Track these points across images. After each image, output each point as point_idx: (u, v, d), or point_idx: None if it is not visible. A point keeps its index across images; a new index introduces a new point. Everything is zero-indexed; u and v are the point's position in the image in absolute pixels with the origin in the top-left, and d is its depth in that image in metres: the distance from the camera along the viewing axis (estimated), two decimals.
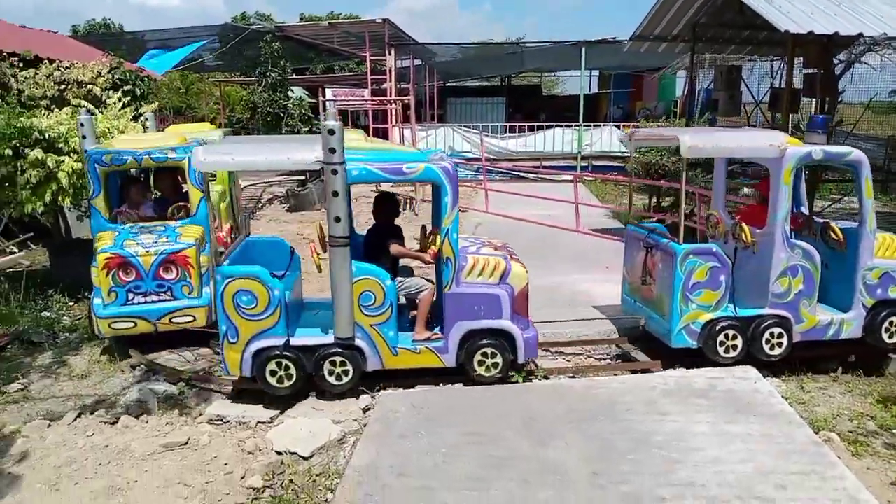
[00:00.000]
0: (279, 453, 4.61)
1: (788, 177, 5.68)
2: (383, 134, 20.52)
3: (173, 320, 6.30)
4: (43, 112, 8.63)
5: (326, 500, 4.05)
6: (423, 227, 6.16)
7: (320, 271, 5.56)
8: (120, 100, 9.26)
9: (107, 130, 8.38)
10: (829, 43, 9.14)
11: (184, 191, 7.12)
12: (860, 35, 7.61)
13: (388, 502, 3.82)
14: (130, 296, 6.17)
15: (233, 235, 7.30)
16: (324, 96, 18.94)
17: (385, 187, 11.66)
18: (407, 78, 23.74)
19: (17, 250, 11.20)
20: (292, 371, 5.32)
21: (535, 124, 22.90)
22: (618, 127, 21.45)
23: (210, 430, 4.93)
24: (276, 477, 4.36)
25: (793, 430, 4.63)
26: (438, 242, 5.36)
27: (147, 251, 6.19)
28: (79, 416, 5.21)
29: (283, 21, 35.68)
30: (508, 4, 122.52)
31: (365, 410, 5.22)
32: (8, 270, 9.89)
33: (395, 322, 5.39)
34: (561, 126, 21.99)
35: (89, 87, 9.56)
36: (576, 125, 21.55)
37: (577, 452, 4.33)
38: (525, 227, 12.36)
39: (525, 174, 20.11)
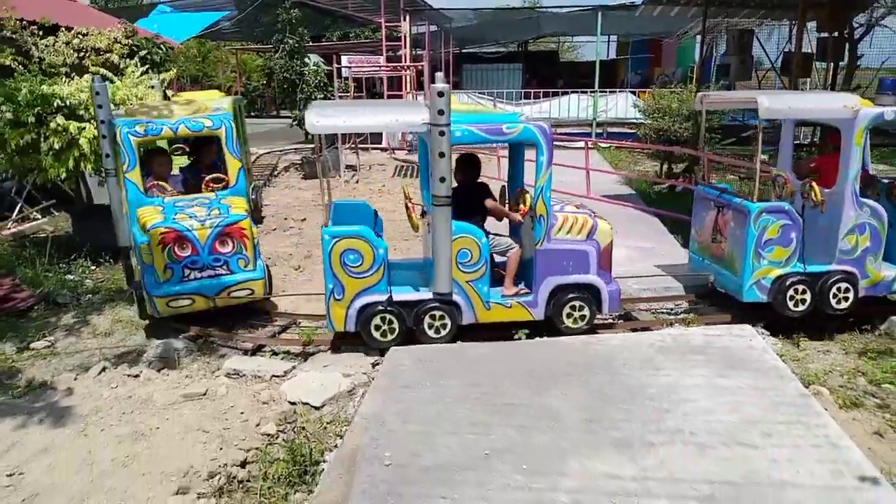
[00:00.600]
0: (292, 403, 4.89)
1: (860, 137, 5.90)
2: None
3: (232, 294, 6.23)
4: (63, 80, 8.85)
5: (336, 445, 4.31)
6: (503, 187, 6.46)
7: (416, 230, 5.98)
8: (137, 66, 9.45)
9: (126, 98, 8.60)
10: (842, 6, 9.09)
11: (215, 161, 7.07)
12: None
13: (392, 446, 4.07)
14: (187, 272, 6.01)
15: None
16: (339, 63, 19.01)
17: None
18: (422, 44, 23.68)
19: (39, 216, 11.55)
20: (395, 325, 5.67)
21: (551, 91, 22.80)
22: (633, 93, 21.31)
23: (227, 383, 5.22)
24: (289, 424, 4.63)
25: (783, 383, 4.81)
26: (528, 201, 5.66)
27: (202, 225, 6.04)
28: (103, 370, 5.51)
29: None
30: None
31: (374, 365, 5.48)
32: (32, 236, 10.23)
33: (489, 278, 5.70)
34: (577, 92, 21.90)
35: (107, 54, 9.73)
36: (591, 91, 21.45)
37: (573, 402, 4.55)
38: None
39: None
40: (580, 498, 3.57)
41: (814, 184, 6.02)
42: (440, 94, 5.02)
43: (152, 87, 9.40)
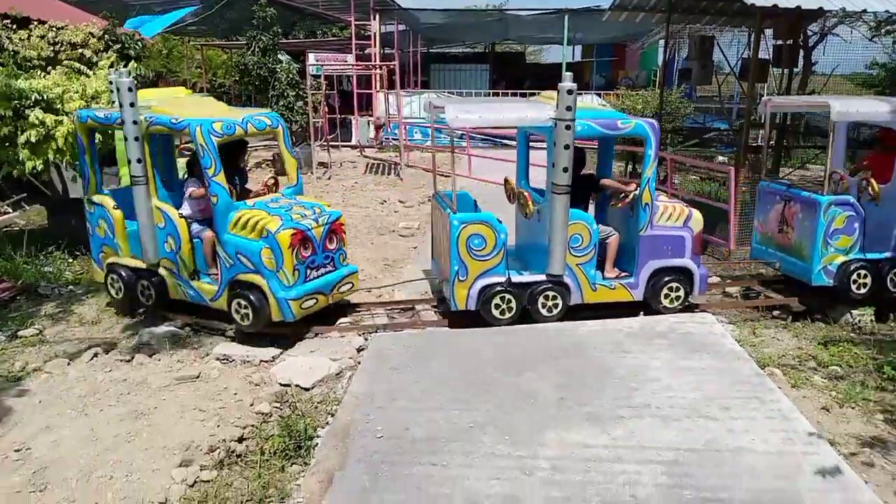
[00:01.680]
0: (283, 385, 5.13)
1: None
2: (367, 99, 20.78)
3: (340, 290, 6.28)
4: (39, 73, 8.91)
5: (328, 422, 4.58)
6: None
7: (528, 217, 6.44)
8: (111, 61, 9.54)
9: (98, 91, 8.70)
10: (798, 16, 9.62)
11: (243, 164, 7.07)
12: (820, 9, 8.09)
13: (383, 420, 4.36)
14: (308, 272, 5.95)
15: None
16: (308, 61, 19.13)
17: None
18: (391, 43, 23.91)
19: (10, 210, 11.51)
20: (513, 304, 6.08)
21: (518, 92, 23.21)
22: (598, 95, 21.84)
23: (218, 366, 5.44)
24: (282, 403, 4.88)
25: (740, 365, 5.23)
26: (633, 189, 6.27)
27: (317, 223, 6.02)
28: (95, 355, 5.68)
29: None
30: None
31: (359, 350, 5.75)
32: (4, 229, 10.22)
33: (595, 262, 6.16)
34: (541, 94, 22.30)
35: (82, 49, 9.80)
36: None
37: (547, 382, 4.89)
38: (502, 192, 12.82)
39: (507, 141, 20.50)
40: (558, 464, 3.91)
41: (871, 179, 6.56)
42: (569, 91, 5.47)
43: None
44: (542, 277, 6.09)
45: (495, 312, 6.08)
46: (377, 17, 20.33)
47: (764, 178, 7.68)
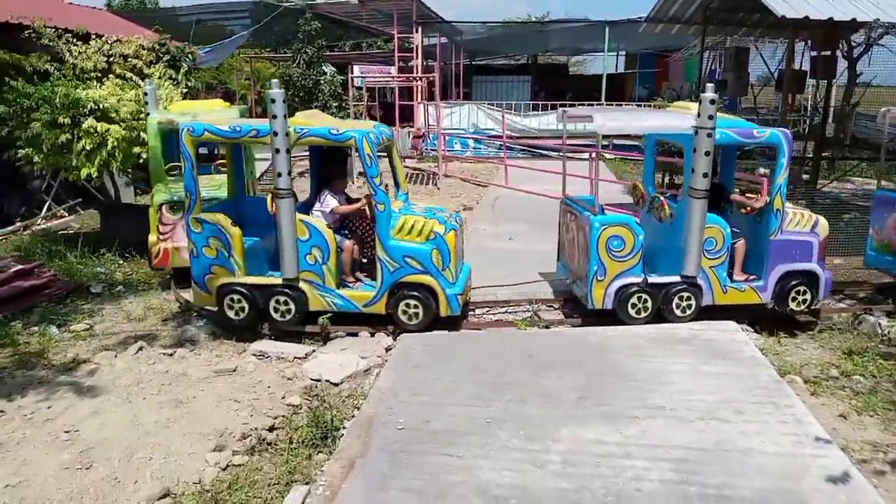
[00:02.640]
0: (314, 380, 5.40)
1: None
2: (409, 111, 21.16)
3: (469, 285, 6.80)
4: (95, 84, 9.44)
5: (353, 414, 4.81)
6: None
7: (662, 221, 6.59)
8: (160, 72, 10.04)
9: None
10: (833, 28, 9.60)
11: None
12: (854, 20, 8.09)
13: (405, 414, 4.58)
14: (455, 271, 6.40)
15: None
16: (352, 73, 19.61)
17: None
18: (434, 55, 24.29)
19: (67, 214, 12.14)
20: (649, 304, 6.34)
21: (559, 103, 23.35)
22: (640, 106, 21.83)
23: (254, 361, 5.74)
24: (312, 397, 5.14)
25: (759, 371, 5.30)
26: (764, 196, 6.47)
27: (456, 224, 6.54)
28: (140, 349, 6.03)
29: None
30: None
31: (387, 349, 5.98)
32: (60, 233, 10.79)
33: (727, 265, 6.39)
34: (584, 104, 22.43)
35: (134, 60, 10.32)
36: (598, 104, 21.97)
37: (567, 382, 5.05)
38: (541, 201, 13.00)
39: (546, 152, 20.63)
40: (570, 458, 4.07)
41: None
42: (711, 101, 5.80)
43: (175, 84, 10.01)
44: (677, 279, 6.33)
45: (631, 312, 6.35)
46: (419, 30, 20.71)
47: (881, 186, 7.77)
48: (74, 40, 10.14)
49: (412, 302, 6.15)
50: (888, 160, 15.09)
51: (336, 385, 5.36)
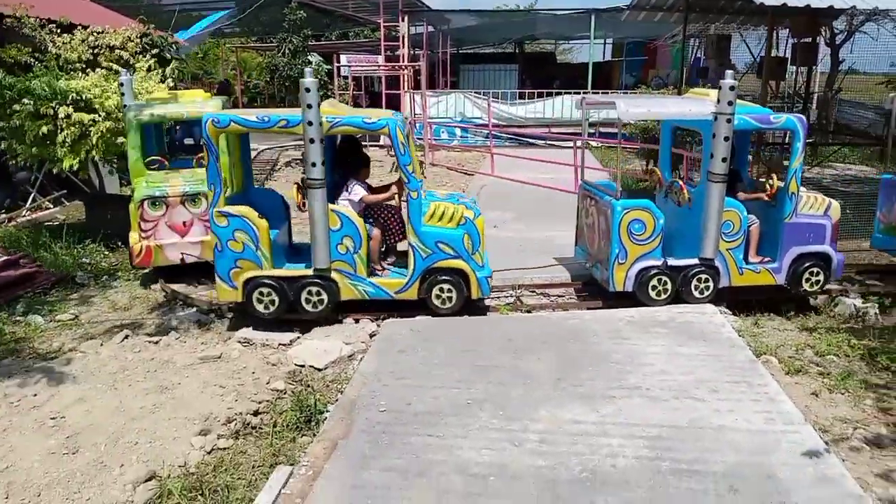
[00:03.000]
0: (298, 365, 5.48)
1: None
2: (396, 99, 21.16)
3: None
4: (79, 75, 9.41)
5: (337, 399, 4.89)
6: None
7: (680, 205, 6.93)
8: (148, 64, 10.01)
9: (137, 91, 9.17)
10: (813, 15, 9.70)
11: None
12: (831, 7, 8.19)
13: (387, 396, 4.67)
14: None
15: None
16: (338, 62, 19.58)
17: None
18: (420, 44, 24.24)
19: (52, 206, 12.11)
20: (668, 286, 6.54)
21: (546, 91, 23.39)
22: (626, 94, 21.91)
23: (239, 348, 5.81)
24: (296, 382, 5.22)
25: (735, 352, 5.42)
26: (776, 182, 6.63)
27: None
28: (126, 337, 6.09)
29: None
30: None
31: (371, 335, 6.06)
32: (45, 224, 10.78)
33: (744, 248, 6.60)
34: (570, 93, 22.48)
35: (119, 51, 10.28)
36: (584, 93, 22.04)
37: (546, 364, 5.15)
38: (526, 189, 13.11)
39: (532, 140, 20.70)
40: (547, 437, 4.17)
41: None
42: (731, 88, 5.96)
43: (164, 80, 9.98)
44: (695, 261, 6.50)
45: (651, 294, 6.54)
46: (406, 18, 20.68)
47: (888, 170, 7.90)
48: (58, 31, 10.09)
49: (446, 286, 6.28)
50: (871, 146, 15.30)
51: (320, 370, 5.44)
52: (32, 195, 11.95)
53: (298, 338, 6.11)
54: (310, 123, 5.69)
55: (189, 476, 4.00)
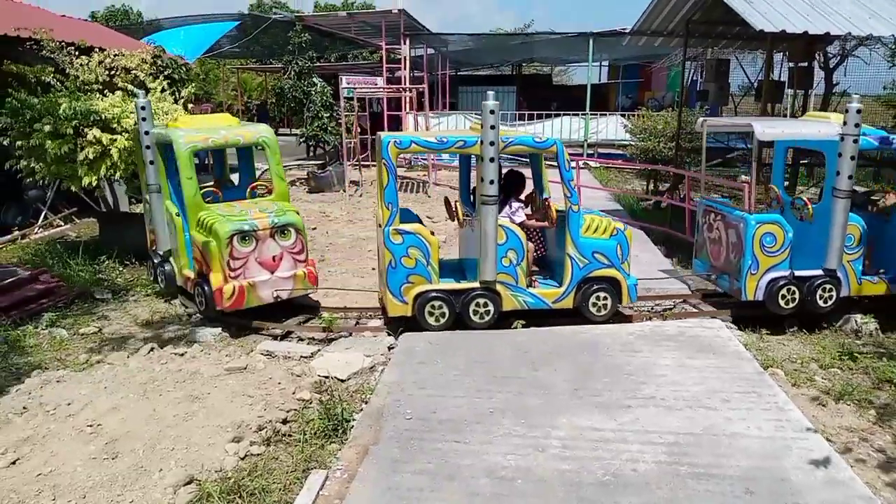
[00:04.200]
0: (322, 377, 5.66)
1: None
2: (397, 120, 21.48)
3: None
4: (97, 96, 9.65)
5: (362, 408, 5.07)
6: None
7: (803, 220, 7.17)
8: (161, 86, 10.27)
9: (153, 112, 9.41)
10: (810, 40, 10.03)
11: None
12: (827, 34, 8.51)
13: (412, 405, 4.85)
14: None
15: None
16: (341, 83, 19.90)
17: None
18: (420, 66, 24.63)
19: (63, 223, 12.30)
20: (796, 296, 6.88)
21: (544, 112, 23.75)
22: (623, 116, 22.29)
23: (263, 360, 5.99)
24: (321, 391, 5.40)
25: (743, 364, 5.63)
26: (889, 199, 7.07)
27: None
28: (151, 349, 6.27)
29: (299, 10, 36.69)
30: None
31: (390, 348, 6.25)
32: (57, 241, 10.96)
33: (862, 258, 6.96)
34: (569, 115, 22.86)
35: (135, 73, 10.54)
36: (583, 114, 22.42)
37: (562, 375, 5.35)
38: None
39: (524, 160, 20.96)
40: (569, 443, 4.36)
41: None
42: (858, 111, 6.33)
43: (177, 101, 10.22)
44: (820, 272, 6.83)
45: (780, 302, 6.87)
46: (407, 41, 21.06)
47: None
48: (76, 52, 10.34)
49: (601, 294, 6.66)
50: (865, 166, 15.63)
51: (343, 381, 5.62)
52: (44, 213, 12.15)
53: (319, 350, 6.29)
54: (491, 143, 6.09)
55: (226, 480, 4.17)
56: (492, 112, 6.06)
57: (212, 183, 8.34)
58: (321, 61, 31.75)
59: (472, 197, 7.10)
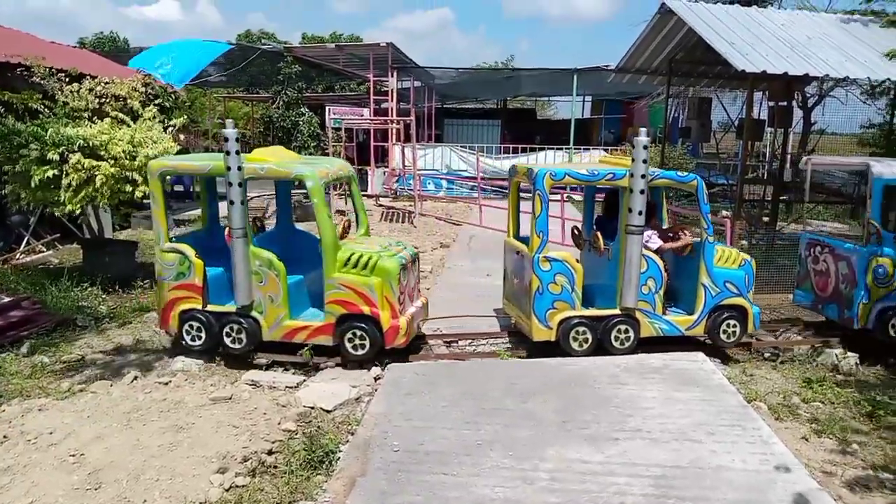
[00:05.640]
0: (308, 407, 5.62)
1: None
2: (383, 152, 21.65)
3: None
4: (86, 123, 9.66)
5: (348, 440, 5.04)
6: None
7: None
8: (153, 114, 10.30)
9: (142, 140, 9.44)
10: (789, 81, 10.30)
11: None
12: (806, 75, 8.76)
13: (399, 436, 4.84)
14: None
15: None
16: (329, 114, 20.06)
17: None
18: (407, 98, 24.90)
19: (45, 249, 12.19)
20: None
21: (528, 146, 24.03)
22: (606, 151, 22.60)
23: (248, 390, 5.95)
24: (307, 423, 5.37)
25: (727, 397, 5.68)
26: None
27: None
28: (135, 378, 6.20)
29: (287, 41, 37.04)
30: (502, 28, 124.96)
31: (376, 379, 6.24)
32: (40, 266, 10.86)
33: None
34: (553, 149, 23.15)
35: (125, 101, 10.57)
36: (566, 148, 22.73)
37: (550, 407, 5.36)
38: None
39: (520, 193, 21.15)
40: (557, 476, 4.36)
41: None
42: None
43: (167, 129, 10.25)
44: None
45: (891, 331, 7.19)
46: (394, 74, 21.31)
47: None
48: (67, 79, 10.36)
49: (731, 322, 6.96)
50: (843, 203, 15.96)
51: (329, 412, 5.59)
52: (26, 238, 12.04)
53: (305, 381, 6.26)
54: (642, 176, 6.36)
55: None
56: (644, 147, 6.35)
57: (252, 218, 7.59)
58: (308, 91, 32.04)
59: (593, 227, 7.75)
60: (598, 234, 7.10)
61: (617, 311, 6.73)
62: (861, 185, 9.43)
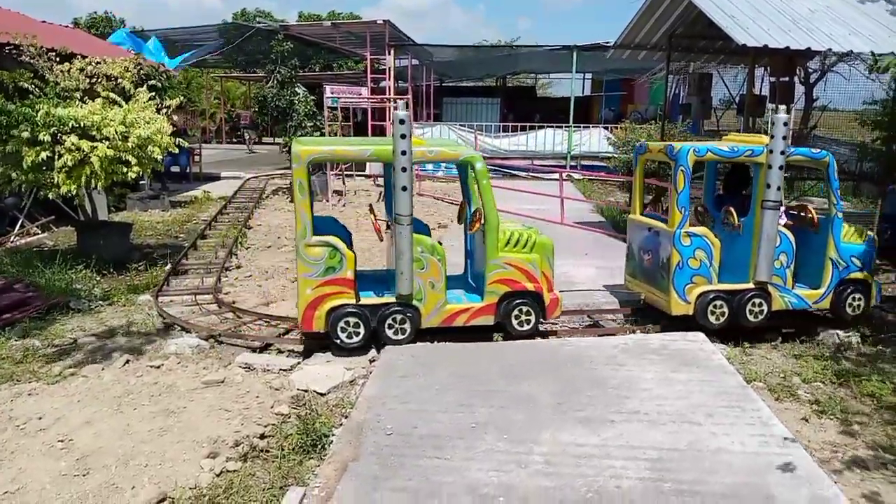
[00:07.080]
0: (301, 390, 5.55)
1: None
2: (381, 131, 21.43)
3: None
4: (77, 103, 9.51)
5: (341, 423, 4.97)
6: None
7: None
8: (145, 93, 10.15)
9: (135, 120, 9.29)
10: (790, 56, 10.12)
11: None
12: (809, 49, 8.59)
13: (393, 420, 4.76)
14: None
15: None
16: (326, 93, 19.85)
17: None
18: (405, 77, 24.64)
19: (39, 232, 12.10)
20: None
21: (528, 125, 23.81)
22: (606, 128, 22.40)
23: (241, 373, 5.88)
24: (300, 406, 5.30)
25: (726, 378, 5.61)
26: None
27: None
28: (127, 362, 6.13)
29: (284, 19, 36.62)
30: (502, 6, 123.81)
31: (371, 361, 6.16)
32: (34, 249, 10.77)
33: None
34: (552, 127, 22.94)
35: (117, 81, 10.41)
36: (566, 126, 22.51)
37: (546, 389, 5.29)
38: (514, 220, 13.31)
39: (516, 172, 21.04)
40: (552, 459, 4.29)
41: None
42: None
43: (160, 110, 10.10)
44: None
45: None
46: (392, 52, 21.06)
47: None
48: (57, 59, 10.20)
49: (857, 296, 7.17)
50: (845, 180, 15.82)
51: (323, 395, 5.52)
52: (21, 221, 11.94)
53: (299, 363, 6.19)
54: (782, 153, 6.54)
55: (201, 497, 4.06)
56: (785, 124, 6.50)
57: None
58: (305, 70, 31.73)
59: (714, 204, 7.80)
60: (731, 209, 7.13)
61: (751, 285, 6.88)
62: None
